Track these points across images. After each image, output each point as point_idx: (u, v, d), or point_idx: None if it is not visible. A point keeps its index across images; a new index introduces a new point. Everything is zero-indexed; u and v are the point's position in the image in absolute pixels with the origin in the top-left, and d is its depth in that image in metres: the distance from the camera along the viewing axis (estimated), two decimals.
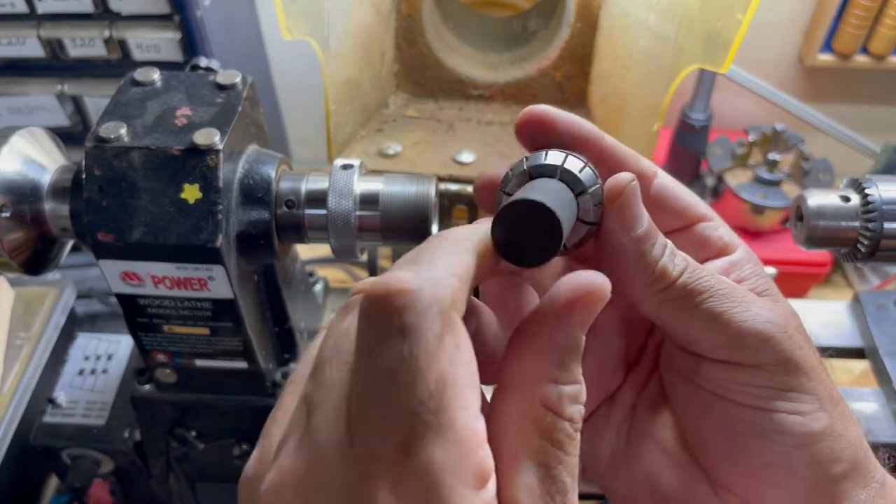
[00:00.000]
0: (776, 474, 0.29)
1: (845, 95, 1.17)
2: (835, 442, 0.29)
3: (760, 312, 0.28)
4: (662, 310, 0.29)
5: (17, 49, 0.82)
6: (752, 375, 0.29)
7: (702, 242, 0.32)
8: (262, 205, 0.48)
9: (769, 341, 0.28)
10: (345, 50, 0.77)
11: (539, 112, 0.30)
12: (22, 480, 0.73)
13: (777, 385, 0.28)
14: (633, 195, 0.27)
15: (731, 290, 0.28)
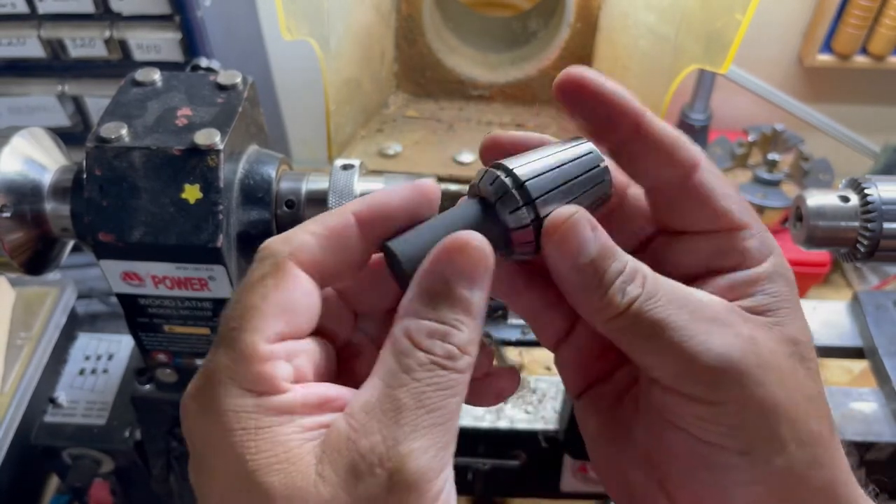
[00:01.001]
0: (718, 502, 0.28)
1: (845, 95, 1.17)
2: (794, 485, 0.28)
3: (715, 348, 0.27)
4: (613, 336, 0.28)
5: (18, 49, 0.82)
6: (702, 409, 0.27)
7: (725, 250, 0.30)
8: (262, 205, 0.48)
9: (721, 379, 0.27)
10: (345, 50, 0.77)
11: (576, 76, 0.29)
12: (23, 480, 0.73)
13: (727, 422, 0.27)
14: (572, 229, 0.27)
15: (689, 321, 0.27)
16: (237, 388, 0.25)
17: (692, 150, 0.29)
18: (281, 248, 0.27)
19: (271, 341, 0.26)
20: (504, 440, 0.67)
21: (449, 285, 0.26)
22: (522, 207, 0.28)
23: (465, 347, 0.26)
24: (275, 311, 0.26)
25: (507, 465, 0.68)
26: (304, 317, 0.27)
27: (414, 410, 0.24)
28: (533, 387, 0.70)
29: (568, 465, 0.70)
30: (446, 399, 0.25)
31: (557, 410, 0.68)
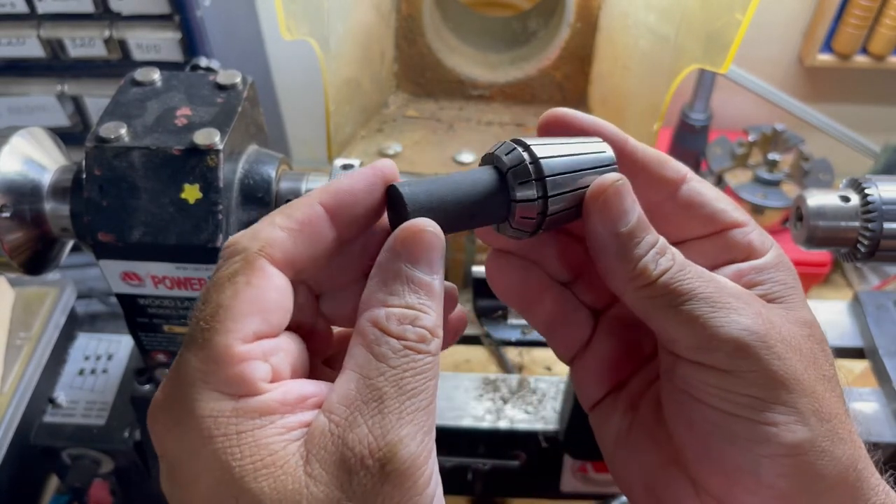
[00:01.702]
0: (747, 481, 0.28)
1: (845, 95, 1.17)
2: (816, 458, 0.28)
3: (740, 320, 0.28)
4: (641, 305, 0.29)
5: (18, 49, 0.82)
6: (725, 380, 0.28)
7: (729, 246, 0.31)
8: (262, 205, 0.48)
9: (744, 349, 0.28)
10: (345, 50, 0.77)
11: (559, 115, 0.31)
12: (22, 480, 0.73)
13: (749, 393, 0.28)
14: (617, 194, 0.28)
15: (715, 294, 0.28)
16: (213, 391, 0.24)
17: (678, 166, 0.31)
18: (250, 244, 0.26)
19: (247, 341, 0.25)
20: (504, 440, 0.67)
21: (409, 271, 0.26)
22: (532, 182, 0.28)
23: (434, 330, 0.26)
24: (248, 310, 0.25)
25: (507, 465, 0.68)
26: (278, 314, 0.26)
27: (396, 398, 0.24)
28: (533, 387, 0.70)
29: (568, 466, 0.70)
30: (425, 382, 0.25)
31: (557, 411, 0.68)
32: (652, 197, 0.31)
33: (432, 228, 0.27)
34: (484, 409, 0.68)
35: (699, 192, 0.31)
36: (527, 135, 0.35)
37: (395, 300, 0.26)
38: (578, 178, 0.29)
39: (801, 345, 0.29)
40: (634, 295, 0.29)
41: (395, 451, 0.24)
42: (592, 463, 0.69)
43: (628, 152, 0.31)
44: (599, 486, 0.71)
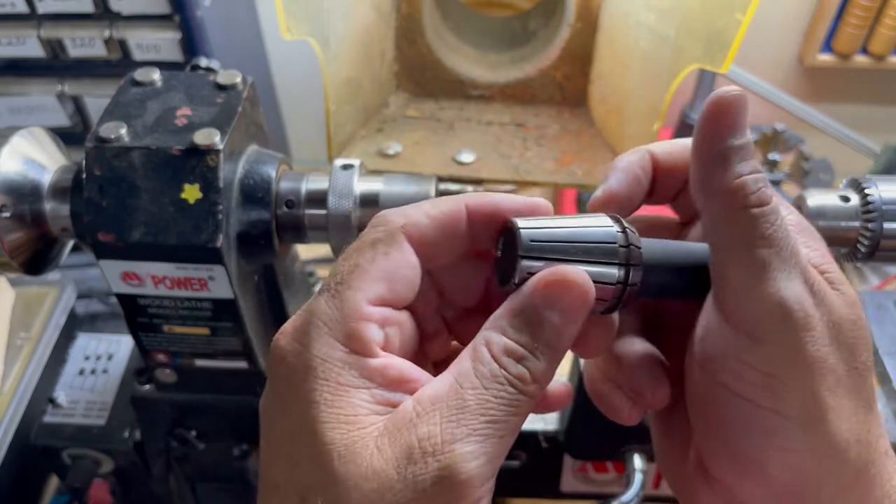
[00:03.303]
0: (751, 470, 0.28)
1: (845, 95, 1.17)
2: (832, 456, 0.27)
3: (797, 288, 0.27)
4: (720, 231, 0.28)
5: (18, 49, 0.82)
6: (751, 352, 0.27)
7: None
8: (262, 205, 0.48)
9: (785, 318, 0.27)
10: (345, 50, 0.77)
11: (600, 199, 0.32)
12: (22, 480, 0.73)
13: (770, 370, 0.27)
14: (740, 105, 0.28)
15: (790, 255, 0.27)
16: (331, 337, 0.27)
17: None
18: (396, 219, 0.29)
19: (372, 303, 0.27)
20: None
21: (541, 315, 0.27)
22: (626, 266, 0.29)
23: (539, 376, 0.27)
24: (380, 276, 0.28)
25: (508, 465, 0.68)
26: (404, 287, 0.28)
27: (476, 415, 0.25)
28: None
29: (568, 466, 0.70)
30: (507, 416, 0.26)
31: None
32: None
33: (582, 282, 0.27)
34: None
35: None
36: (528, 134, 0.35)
37: (514, 334, 0.27)
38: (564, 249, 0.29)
39: (846, 331, 0.28)
40: (722, 215, 0.28)
41: (457, 462, 0.24)
42: (592, 463, 0.69)
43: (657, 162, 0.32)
44: (599, 486, 0.71)
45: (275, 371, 0.28)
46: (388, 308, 0.28)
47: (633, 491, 0.59)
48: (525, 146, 0.83)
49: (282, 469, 0.27)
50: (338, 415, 0.26)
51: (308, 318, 0.27)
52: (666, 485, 0.70)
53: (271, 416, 0.28)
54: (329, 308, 0.27)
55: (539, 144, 0.83)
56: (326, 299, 0.27)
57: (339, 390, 0.26)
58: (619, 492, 0.59)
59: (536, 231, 0.28)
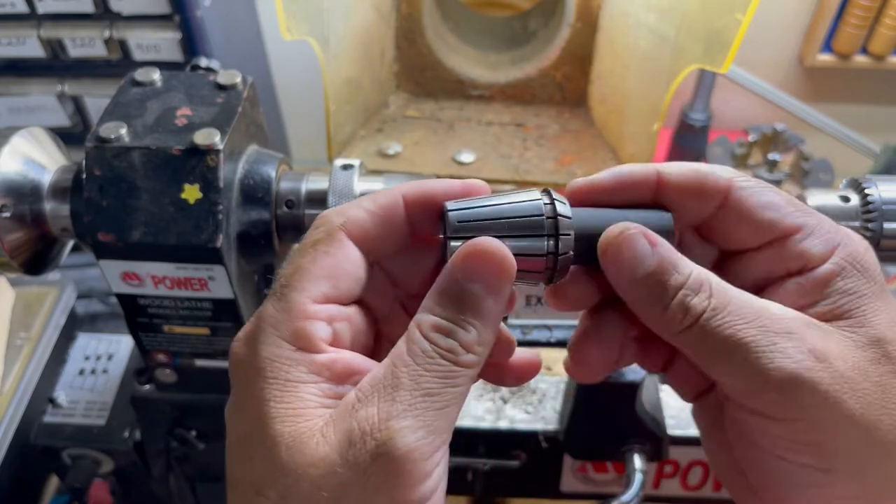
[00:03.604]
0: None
1: (845, 95, 1.17)
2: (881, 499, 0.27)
3: (785, 365, 0.26)
4: (682, 348, 0.29)
5: (18, 49, 0.82)
6: (776, 426, 0.27)
7: (784, 257, 0.29)
8: (262, 205, 0.48)
9: (790, 397, 0.26)
10: (345, 50, 0.77)
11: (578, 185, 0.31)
12: (22, 480, 0.73)
13: (799, 440, 0.27)
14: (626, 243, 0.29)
15: (758, 337, 0.27)
16: (279, 337, 0.28)
17: (718, 178, 0.30)
18: (335, 218, 0.30)
19: (316, 301, 0.28)
20: (504, 440, 0.67)
21: (464, 288, 0.28)
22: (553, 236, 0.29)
23: (471, 346, 0.27)
24: (322, 274, 0.29)
25: (507, 465, 0.68)
26: (348, 283, 0.29)
27: (410, 390, 0.26)
28: (533, 387, 0.70)
29: (568, 466, 0.70)
30: (444, 388, 0.27)
31: (557, 411, 0.68)
32: (701, 212, 0.30)
33: (499, 251, 0.28)
34: (484, 409, 0.68)
35: (746, 204, 0.30)
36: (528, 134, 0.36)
37: (440, 311, 0.28)
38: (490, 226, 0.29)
39: (865, 373, 0.27)
40: (673, 340, 0.29)
41: (392, 437, 0.25)
42: (592, 463, 0.69)
43: (663, 180, 0.31)
44: (599, 486, 0.71)
45: (232, 376, 0.29)
46: (335, 305, 0.29)
47: (633, 491, 0.59)
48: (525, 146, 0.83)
49: (239, 466, 0.28)
50: (286, 409, 0.27)
51: (257, 323, 0.28)
52: (666, 485, 0.70)
53: (231, 419, 0.29)
54: (275, 311, 0.28)
55: (539, 144, 0.84)
56: (273, 303, 0.28)
57: (287, 387, 0.27)
58: (619, 492, 0.59)
59: (464, 212, 0.29)
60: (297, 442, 0.26)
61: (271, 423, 0.26)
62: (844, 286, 0.28)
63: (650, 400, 0.63)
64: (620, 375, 0.59)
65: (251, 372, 0.28)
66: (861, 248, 0.29)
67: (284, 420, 0.26)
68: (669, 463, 0.68)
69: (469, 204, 0.29)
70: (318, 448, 0.26)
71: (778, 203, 0.30)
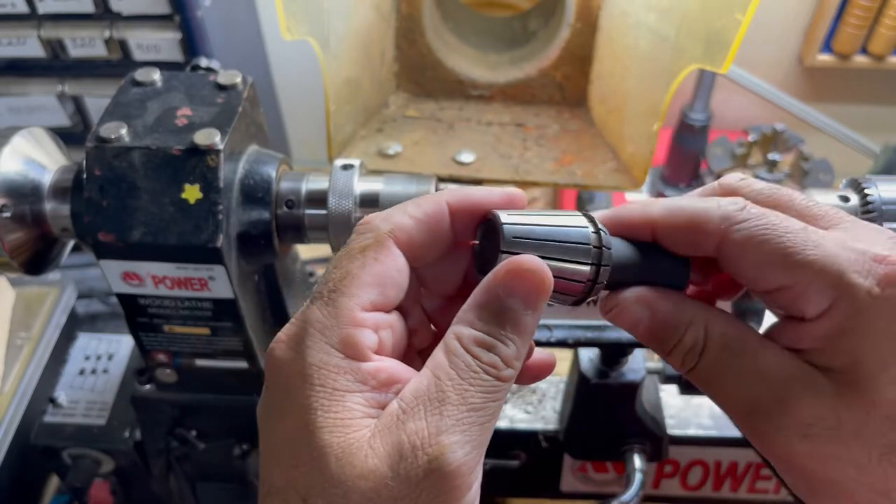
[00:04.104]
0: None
1: (845, 95, 1.17)
2: None
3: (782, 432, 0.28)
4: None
5: (18, 49, 0.82)
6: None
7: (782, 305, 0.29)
8: (262, 205, 0.48)
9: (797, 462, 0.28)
10: (345, 50, 0.77)
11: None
12: (22, 480, 0.73)
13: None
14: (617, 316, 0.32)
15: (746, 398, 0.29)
16: (327, 344, 0.27)
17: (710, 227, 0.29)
18: (383, 224, 0.30)
19: (366, 309, 0.28)
20: (504, 440, 0.67)
21: (504, 304, 0.28)
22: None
23: (510, 361, 0.28)
24: (372, 281, 0.29)
25: (507, 464, 0.68)
26: (395, 291, 0.30)
27: (457, 405, 0.27)
28: (533, 387, 0.70)
29: (568, 465, 0.70)
30: (487, 402, 0.27)
31: (557, 410, 0.68)
32: (702, 253, 0.31)
33: (538, 268, 0.28)
34: None
35: (734, 257, 0.29)
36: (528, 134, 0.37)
37: (482, 325, 0.28)
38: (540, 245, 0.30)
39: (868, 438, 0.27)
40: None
41: (444, 452, 0.26)
42: (592, 463, 0.69)
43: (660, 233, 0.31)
44: (599, 485, 0.71)
45: (272, 379, 0.29)
46: (380, 312, 0.29)
47: (633, 491, 0.59)
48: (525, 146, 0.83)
49: (282, 473, 0.27)
50: (334, 419, 0.26)
51: (303, 326, 0.28)
52: (665, 484, 0.70)
53: (270, 422, 0.28)
54: (323, 315, 0.28)
55: (539, 144, 0.84)
56: (320, 307, 0.28)
57: (334, 396, 0.27)
58: (619, 491, 0.59)
59: (518, 228, 0.29)
60: (346, 453, 0.26)
61: (319, 433, 0.26)
62: (842, 346, 0.28)
63: (650, 400, 0.63)
64: (620, 375, 0.59)
65: (296, 377, 0.27)
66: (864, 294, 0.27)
67: (333, 430, 0.26)
68: (669, 463, 0.69)
69: (521, 220, 0.30)
70: (367, 460, 0.26)
71: (768, 258, 0.28)
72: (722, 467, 0.68)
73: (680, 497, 0.71)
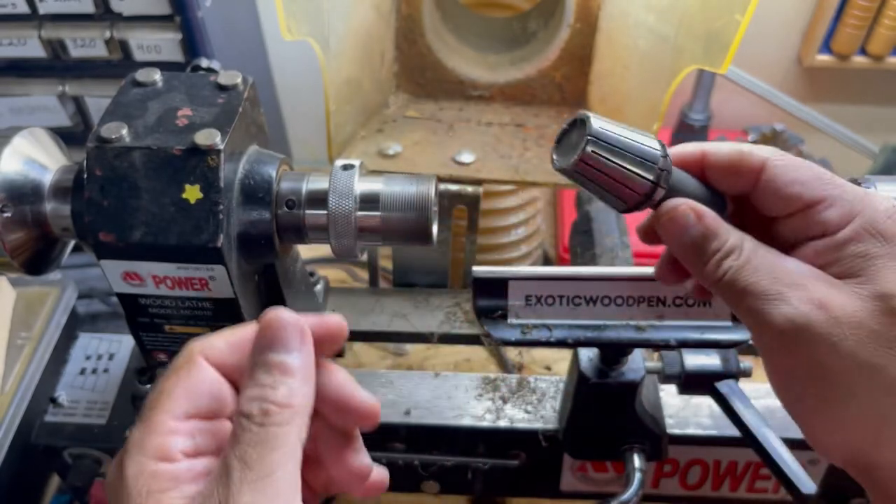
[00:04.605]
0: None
1: (844, 96, 1.17)
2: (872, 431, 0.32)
3: (784, 310, 0.32)
4: (718, 294, 0.36)
5: (19, 50, 0.82)
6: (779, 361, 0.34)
7: (807, 225, 0.35)
8: (262, 205, 0.48)
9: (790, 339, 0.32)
10: (345, 50, 0.77)
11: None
12: (23, 480, 0.73)
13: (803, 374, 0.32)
14: (671, 220, 0.36)
15: (769, 286, 0.33)
16: (142, 456, 0.30)
17: (755, 157, 0.36)
18: (195, 346, 0.34)
19: (178, 419, 0.32)
20: (504, 439, 0.67)
21: (264, 356, 0.32)
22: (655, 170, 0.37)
23: (283, 402, 0.31)
24: (183, 395, 0.32)
25: (507, 464, 0.68)
26: (206, 400, 0.33)
27: (239, 471, 0.29)
28: (533, 386, 0.71)
29: (567, 465, 0.70)
30: (268, 454, 0.29)
31: (557, 410, 0.68)
32: (741, 186, 0.36)
33: (282, 316, 0.32)
34: (484, 408, 0.68)
35: (776, 181, 0.35)
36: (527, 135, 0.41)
37: (251, 384, 0.31)
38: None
39: (866, 321, 0.31)
40: (712, 290, 0.36)
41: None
42: (592, 462, 0.69)
43: (706, 161, 0.37)
44: (599, 485, 0.71)
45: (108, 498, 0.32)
46: (196, 420, 0.32)
47: (633, 490, 0.59)
48: (525, 146, 0.83)
49: None
50: None
51: (124, 449, 0.31)
52: (665, 484, 0.71)
53: None
54: (139, 433, 0.31)
55: (539, 145, 0.84)
56: (138, 427, 0.32)
57: (150, 498, 0.30)
58: (619, 491, 0.59)
59: (604, 130, 0.35)
60: None
61: None
62: (857, 250, 0.33)
63: (649, 399, 0.63)
64: (620, 375, 0.59)
65: (120, 492, 0.30)
66: (881, 215, 0.33)
67: None
68: (669, 462, 0.69)
69: (608, 126, 0.35)
70: None
71: (805, 178, 0.35)
72: (721, 466, 0.68)
73: (679, 496, 0.72)
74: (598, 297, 0.52)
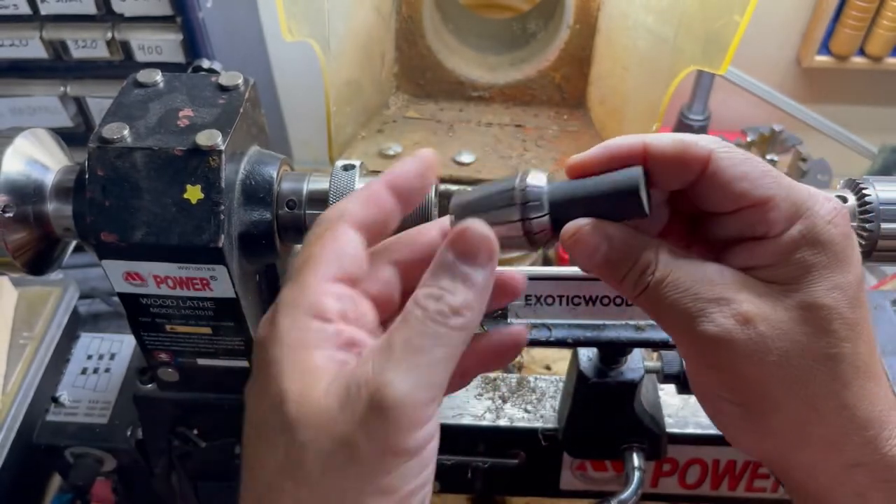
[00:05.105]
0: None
1: (843, 96, 1.17)
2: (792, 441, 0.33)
3: (707, 328, 0.32)
4: (641, 308, 0.35)
5: (20, 50, 0.83)
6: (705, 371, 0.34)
7: (752, 224, 0.33)
8: (263, 205, 0.49)
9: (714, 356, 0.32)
10: (345, 51, 0.77)
11: (575, 162, 0.35)
12: (25, 479, 0.73)
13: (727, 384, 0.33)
14: (575, 244, 0.34)
15: (690, 304, 0.32)
16: (295, 310, 0.31)
17: (699, 149, 0.33)
18: (333, 213, 0.34)
19: (328, 280, 0.32)
20: (503, 439, 0.68)
21: (452, 261, 0.32)
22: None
23: (458, 309, 0.31)
24: (331, 258, 0.33)
25: (507, 463, 0.68)
26: (353, 262, 0.33)
27: (401, 349, 0.30)
28: (532, 386, 0.71)
29: (567, 464, 0.70)
30: (433, 347, 0.30)
31: (556, 409, 0.68)
32: (683, 180, 0.34)
33: (479, 230, 0.32)
34: (483, 407, 0.68)
35: (721, 173, 0.33)
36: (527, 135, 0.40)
37: (431, 282, 0.32)
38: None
39: (788, 333, 0.31)
40: (635, 304, 0.34)
41: (383, 388, 0.28)
42: (591, 461, 0.70)
43: (648, 151, 0.34)
44: (598, 484, 0.72)
45: (256, 357, 0.32)
46: (342, 285, 0.33)
47: (632, 489, 0.60)
48: (524, 147, 0.84)
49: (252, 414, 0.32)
50: (297, 368, 0.30)
51: (275, 307, 0.32)
52: (664, 483, 0.71)
53: (251, 400, 0.32)
54: (291, 291, 0.32)
55: (538, 145, 0.84)
56: (289, 287, 0.32)
57: (301, 350, 0.30)
58: (618, 490, 0.60)
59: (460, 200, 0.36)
60: (302, 396, 0.29)
61: (282, 380, 0.30)
62: (793, 257, 0.32)
63: (649, 398, 0.63)
64: (619, 374, 0.59)
65: (273, 344, 0.31)
66: (822, 221, 0.32)
67: (293, 377, 0.30)
68: (668, 461, 0.69)
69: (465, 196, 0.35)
70: (320, 401, 0.29)
71: (751, 175, 0.33)
72: (720, 466, 0.69)
73: (678, 495, 0.72)
74: (597, 296, 0.53)
